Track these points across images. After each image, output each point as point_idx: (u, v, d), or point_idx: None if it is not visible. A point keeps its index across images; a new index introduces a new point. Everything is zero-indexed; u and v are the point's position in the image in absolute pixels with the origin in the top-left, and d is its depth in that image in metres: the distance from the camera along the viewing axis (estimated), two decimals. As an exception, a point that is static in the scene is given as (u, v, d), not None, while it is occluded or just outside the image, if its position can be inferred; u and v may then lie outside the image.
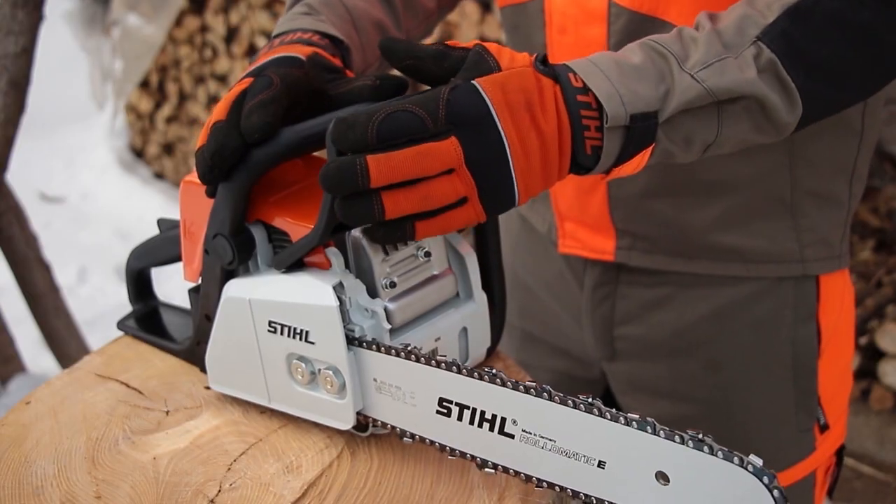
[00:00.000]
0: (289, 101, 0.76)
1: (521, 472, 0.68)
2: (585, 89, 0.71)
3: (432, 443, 0.73)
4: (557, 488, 0.67)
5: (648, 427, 0.62)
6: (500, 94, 0.68)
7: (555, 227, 1.11)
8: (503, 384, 0.67)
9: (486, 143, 0.68)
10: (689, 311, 1.05)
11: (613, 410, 0.64)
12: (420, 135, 0.67)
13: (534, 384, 0.66)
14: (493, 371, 0.68)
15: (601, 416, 0.64)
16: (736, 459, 0.59)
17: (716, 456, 0.60)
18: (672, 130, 0.73)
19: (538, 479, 0.68)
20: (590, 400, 0.65)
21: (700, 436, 0.61)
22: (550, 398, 0.65)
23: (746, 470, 0.59)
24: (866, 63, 0.79)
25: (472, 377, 0.69)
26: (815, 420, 1.07)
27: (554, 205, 1.10)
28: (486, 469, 0.70)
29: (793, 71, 0.75)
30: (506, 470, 0.69)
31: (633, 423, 0.62)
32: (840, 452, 1.12)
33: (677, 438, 0.61)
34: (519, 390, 0.67)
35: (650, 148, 0.73)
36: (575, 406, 0.65)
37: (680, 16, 0.89)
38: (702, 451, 0.60)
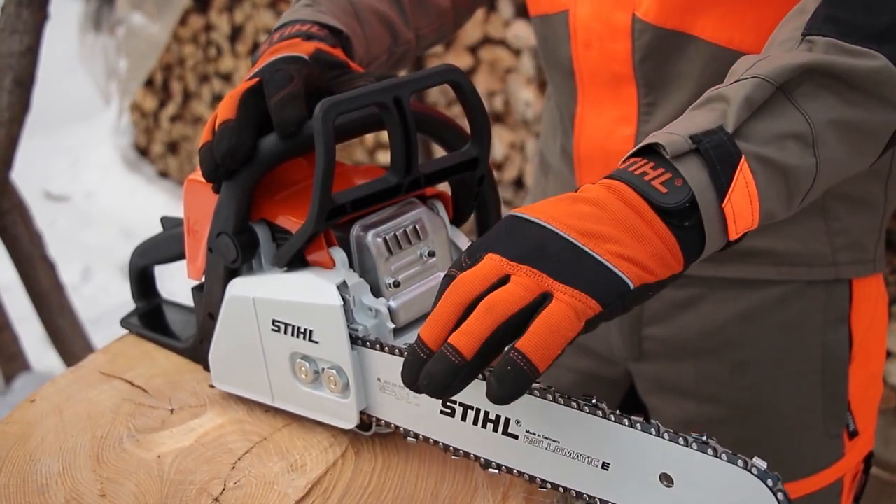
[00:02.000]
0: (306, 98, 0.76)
1: (524, 473, 0.68)
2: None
3: (436, 443, 0.73)
4: (561, 489, 0.67)
5: (653, 429, 0.62)
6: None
7: None
8: None
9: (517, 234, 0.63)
10: (718, 313, 1.04)
11: (617, 412, 0.64)
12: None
13: (538, 385, 0.66)
14: None
15: (605, 418, 0.64)
16: (740, 462, 0.59)
17: (720, 458, 0.59)
18: (753, 137, 0.66)
19: (542, 480, 0.67)
20: (594, 401, 0.64)
21: (704, 438, 0.61)
22: (554, 399, 0.65)
23: (751, 473, 0.58)
24: None
25: (476, 377, 0.68)
26: (845, 426, 1.05)
27: None
28: (490, 469, 0.70)
29: (861, 43, 0.68)
30: (509, 470, 0.69)
31: (637, 424, 0.62)
32: (868, 459, 1.11)
33: (681, 440, 0.61)
34: None
35: (742, 162, 0.65)
36: (579, 407, 0.64)
37: (706, 29, 0.88)
38: (706, 453, 0.60)
